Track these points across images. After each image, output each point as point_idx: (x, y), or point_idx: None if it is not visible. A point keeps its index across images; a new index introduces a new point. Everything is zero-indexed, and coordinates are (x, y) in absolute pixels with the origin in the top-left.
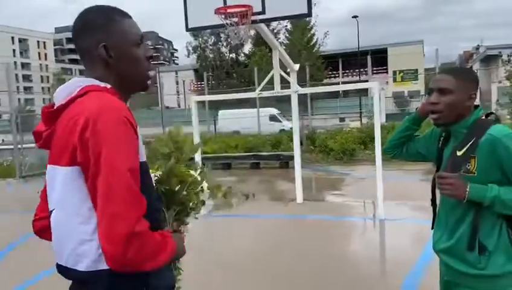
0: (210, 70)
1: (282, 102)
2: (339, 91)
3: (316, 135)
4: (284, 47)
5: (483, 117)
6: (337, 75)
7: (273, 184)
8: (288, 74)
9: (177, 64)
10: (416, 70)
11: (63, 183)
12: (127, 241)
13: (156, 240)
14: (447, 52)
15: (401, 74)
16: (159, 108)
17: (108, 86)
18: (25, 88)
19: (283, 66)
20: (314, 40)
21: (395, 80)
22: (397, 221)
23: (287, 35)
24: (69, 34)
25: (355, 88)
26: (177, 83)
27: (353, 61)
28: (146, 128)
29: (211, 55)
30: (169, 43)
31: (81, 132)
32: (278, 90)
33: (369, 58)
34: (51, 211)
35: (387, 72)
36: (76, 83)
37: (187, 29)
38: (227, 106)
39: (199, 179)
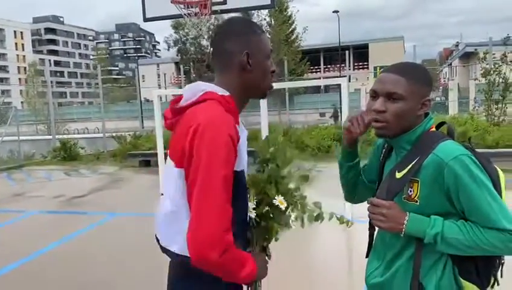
0: (191, 63)
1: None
2: (320, 86)
3: (291, 130)
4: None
5: (433, 129)
6: (318, 70)
7: None
8: None
9: (159, 57)
10: None
11: (173, 179)
12: (209, 245)
13: (237, 256)
14: (428, 49)
15: (382, 70)
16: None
17: (227, 93)
18: (1, 79)
19: None
20: (295, 35)
21: (375, 76)
22: (365, 222)
23: (268, 29)
24: (48, 24)
25: (324, 84)
26: (158, 76)
27: (335, 56)
28: (125, 122)
29: (192, 49)
30: (151, 35)
31: (191, 140)
32: None
33: (348, 53)
34: (161, 194)
35: (368, 68)
36: (200, 87)
37: (144, 20)
38: None
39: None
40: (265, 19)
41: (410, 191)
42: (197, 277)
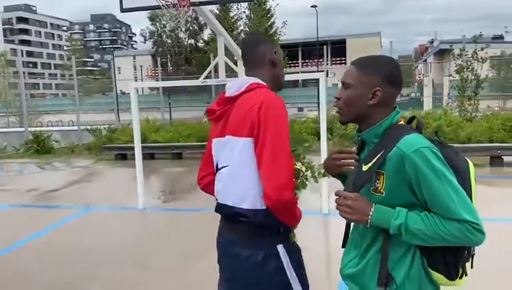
0: (168, 56)
1: None
2: (298, 81)
3: None
4: (243, 35)
5: (401, 122)
6: (297, 64)
7: None
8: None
9: (135, 48)
10: None
11: (241, 149)
12: (285, 189)
13: (296, 200)
14: (404, 45)
15: None
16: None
17: (265, 84)
18: None
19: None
20: (274, 29)
21: None
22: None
23: (247, 22)
24: (20, 13)
25: (303, 78)
26: (134, 68)
27: (313, 51)
28: (100, 115)
29: (169, 41)
30: (128, 27)
31: (258, 112)
32: (223, 79)
33: (326, 48)
34: (221, 167)
35: (346, 63)
36: (246, 80)
37: (122, 10)
38: (185, 94)
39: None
40: (244, 12)
41: (377, 183)
42: (260, 235)
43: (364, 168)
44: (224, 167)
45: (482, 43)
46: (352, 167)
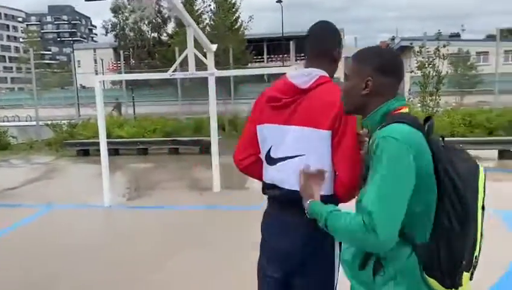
0: (130, 49)
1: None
2: (263, 76)
3: (238, 120)
4: (209, 29)
5: (402, 110)
6: (262, 59)
7: (192, 171)
8: (205, 54)
9: (96, 41)
10: None
11: (323, 140)
12: (356, 187)
13: None
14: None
15: None
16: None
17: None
18: None
19: (201, 47)
20: (239, 23)
21: None
22: None
23: (213, 16)
24: None
25: (270, 73)
26: (95, 61)
27: (278, 46)
28: (60, 110)
29: (131, 34)
30: (87, 19)
31: (339, 110)
32: (192, 72)
33: (291, 44)
34: (293, 156)
35: None
36: (315, 72)
37: None
38: (148, 88)
39: None
40: (210, 5)
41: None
42: None
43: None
44: (298, 155)
45: (442, 41)
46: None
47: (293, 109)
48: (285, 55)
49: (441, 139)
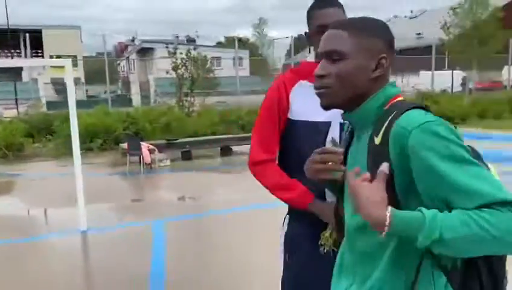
0: None
1: None
2: None
3: None
4: None
5: (400, 98)
6: None
7: None
8: None
9: None
10: (75, 56)
11: None
12: None
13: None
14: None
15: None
16: None
17: None
18: None
19: None
20: None
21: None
22: (106, 230)
23: None
24: None
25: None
26: None
27: (5, 39)
28: None
29: None
30: None
31: None
32: None
33: (22, 38)
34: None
35: (43, 56)
36: None
37: None
38: None
39: None
40: None
41: None
42: None
43: (377, 140)
44: None
45: (182, 45)
46: (338, 174)
47: None
48: (18, 51)
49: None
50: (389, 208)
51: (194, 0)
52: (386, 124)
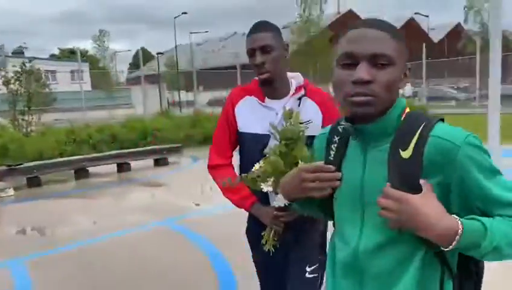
0: None
1: None
2: None
3: None
4: None
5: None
6: None
7: None
8: None
9: None
10: None
11: None
12: None
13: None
14: None
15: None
16: None
17: None
18: None
19: None
20: None
21: None
22: None
23: None
24: None
25: None
26: None
27: None
28: None
29: None
30: None
31: None
32: None
33: None
34: None
35: None
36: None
37: None
38: None
39: None
40: None
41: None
42: None
43: (405, 154)
44: None
45: (22, 57)
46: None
47: None
48: None
49: None
50: (455, 215)
51: (14, 8)
52: (416, 137)
